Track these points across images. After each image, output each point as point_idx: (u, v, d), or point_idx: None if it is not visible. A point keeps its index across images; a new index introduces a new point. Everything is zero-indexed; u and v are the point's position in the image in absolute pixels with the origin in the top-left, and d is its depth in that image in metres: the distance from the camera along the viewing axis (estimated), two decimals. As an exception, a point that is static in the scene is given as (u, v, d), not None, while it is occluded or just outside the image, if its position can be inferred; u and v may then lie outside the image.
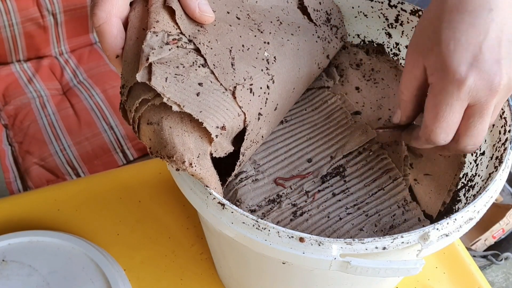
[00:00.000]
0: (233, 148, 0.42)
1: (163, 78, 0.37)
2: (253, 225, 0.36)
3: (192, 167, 0.37)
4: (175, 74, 0.38)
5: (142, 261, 0.60)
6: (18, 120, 0.87)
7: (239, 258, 0.46)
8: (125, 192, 0.66)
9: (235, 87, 0.40)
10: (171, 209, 0.64)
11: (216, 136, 0.38)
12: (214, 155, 0.40)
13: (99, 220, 0.63)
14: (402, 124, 0.46)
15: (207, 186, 0.38)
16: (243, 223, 0.36)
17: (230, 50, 0.42)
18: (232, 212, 0.37)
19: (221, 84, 0.40)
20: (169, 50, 0.39)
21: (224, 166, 0.43)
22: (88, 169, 0.82)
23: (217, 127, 0.38)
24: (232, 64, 0.41)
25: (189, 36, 0.41)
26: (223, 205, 0.37)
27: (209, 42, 0.41)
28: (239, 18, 0.46)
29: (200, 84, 0.39)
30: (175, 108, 0.37)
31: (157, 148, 0.38)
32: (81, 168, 0.81)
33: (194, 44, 0.40)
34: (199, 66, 0.39)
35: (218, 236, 0.45)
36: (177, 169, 0.38)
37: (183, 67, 0.39)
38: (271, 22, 0.48)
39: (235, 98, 0.40)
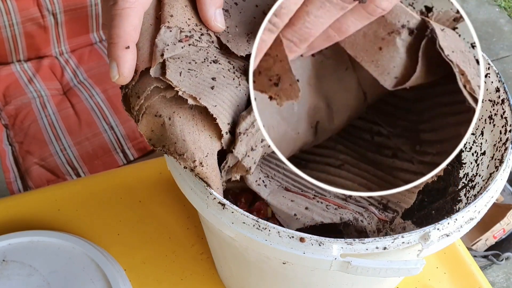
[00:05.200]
0: None
1: (177, 72, 0.37)
2: (254, 225, 0.36)
3: (202, 166, 0.37)
4: (189, 69, 0.38)
5: (142, 261, 0.60)
6: (19, 120, 0.87)
7: (240, 258, 0.46)
8: (125, 192, 0.66)
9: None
10: (171, 209, 0.64)
11: (226, 132, 0.38)
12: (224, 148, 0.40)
13: (99, 220, 0.63)
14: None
15: (209, 186, 0.38)
16: (244, 223, 0.36)
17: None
18: (232, 212, 0.37)
19: (233, 79, 0.40)
20: (182, 48, 0.39)
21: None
22: (88, 169, 0.82)
23: (228, 123, 0.38)
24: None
25: (200, 34, 0.41)
26: (223, 205, 0.37)
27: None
28: (254, 18, 0.46)
29: (213, 78, 0.39)
30: (190, 101, 0.37)
31: (163, 142, 0.37)
32: (81, 168, 0.81)
33: (204, 42, 0.41)
34: (210, 63, 0.40)
35: (219, 236, 0.45)
36: (185, 167, 0.38)
37: (195, 63, 0.39)
38: None
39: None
